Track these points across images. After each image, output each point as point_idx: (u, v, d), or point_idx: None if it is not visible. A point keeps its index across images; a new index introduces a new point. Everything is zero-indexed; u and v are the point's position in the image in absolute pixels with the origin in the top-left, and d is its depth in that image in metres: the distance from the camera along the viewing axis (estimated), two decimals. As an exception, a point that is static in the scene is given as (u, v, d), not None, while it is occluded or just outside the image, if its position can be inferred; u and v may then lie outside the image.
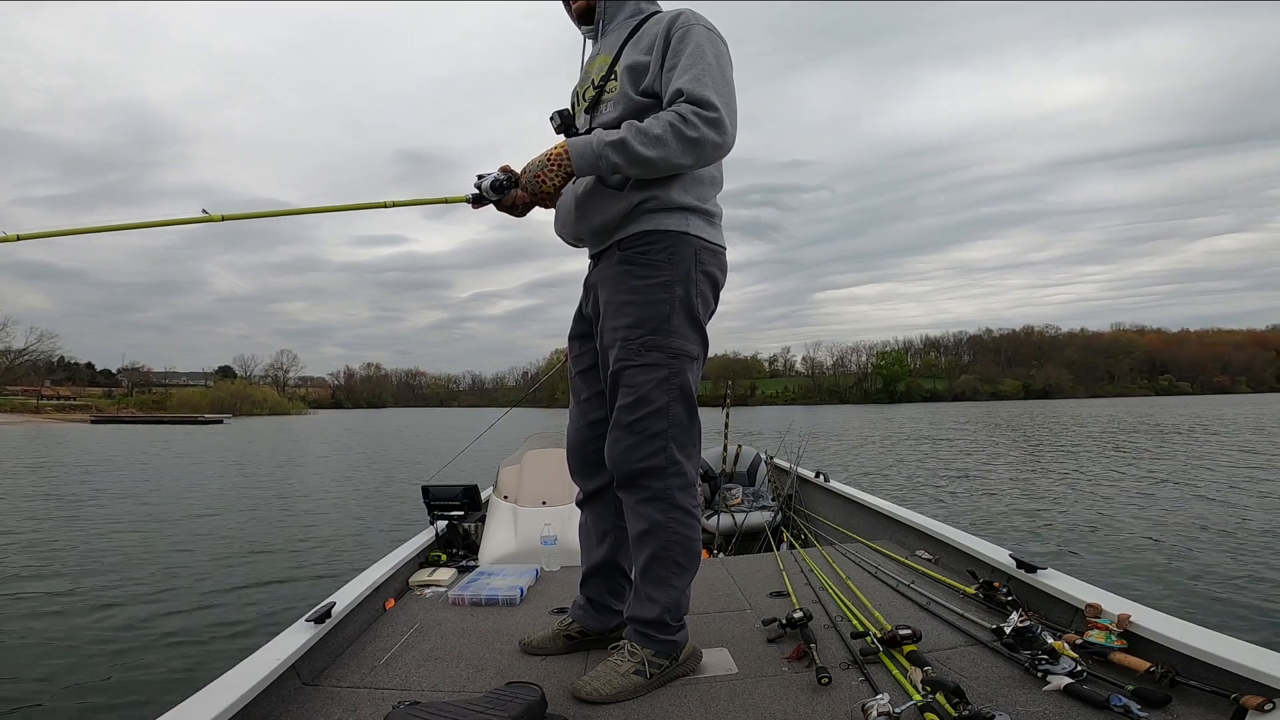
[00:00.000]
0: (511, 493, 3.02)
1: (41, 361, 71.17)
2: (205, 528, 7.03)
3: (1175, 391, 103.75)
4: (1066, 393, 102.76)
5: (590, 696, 1.43)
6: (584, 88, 1.69)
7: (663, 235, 1.54)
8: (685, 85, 1.43)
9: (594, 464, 1.71)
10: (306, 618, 1.70)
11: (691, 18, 1.53)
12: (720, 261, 1.63)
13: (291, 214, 1.68)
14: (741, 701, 1.42)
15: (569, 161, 1.46)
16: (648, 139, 1.40)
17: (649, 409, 1.52)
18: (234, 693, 1.30)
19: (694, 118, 1.40)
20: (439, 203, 1.61)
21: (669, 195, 1.54)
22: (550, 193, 1.50)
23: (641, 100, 1.53)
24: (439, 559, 2.60)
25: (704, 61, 1.45)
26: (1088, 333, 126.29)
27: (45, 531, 6.83)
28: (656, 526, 1.53)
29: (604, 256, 1.63)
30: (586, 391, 1.73)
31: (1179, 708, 1.26)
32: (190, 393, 75.66)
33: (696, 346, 1.59)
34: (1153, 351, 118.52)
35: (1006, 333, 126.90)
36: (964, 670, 1.51)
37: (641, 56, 1.54)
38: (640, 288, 1.54)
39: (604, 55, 1.64)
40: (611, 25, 1.68)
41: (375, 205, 1.67)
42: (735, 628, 1.88)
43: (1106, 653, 1.46)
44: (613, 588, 1.75)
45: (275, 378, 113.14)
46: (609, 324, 1.58)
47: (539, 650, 1.74)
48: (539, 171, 1.47)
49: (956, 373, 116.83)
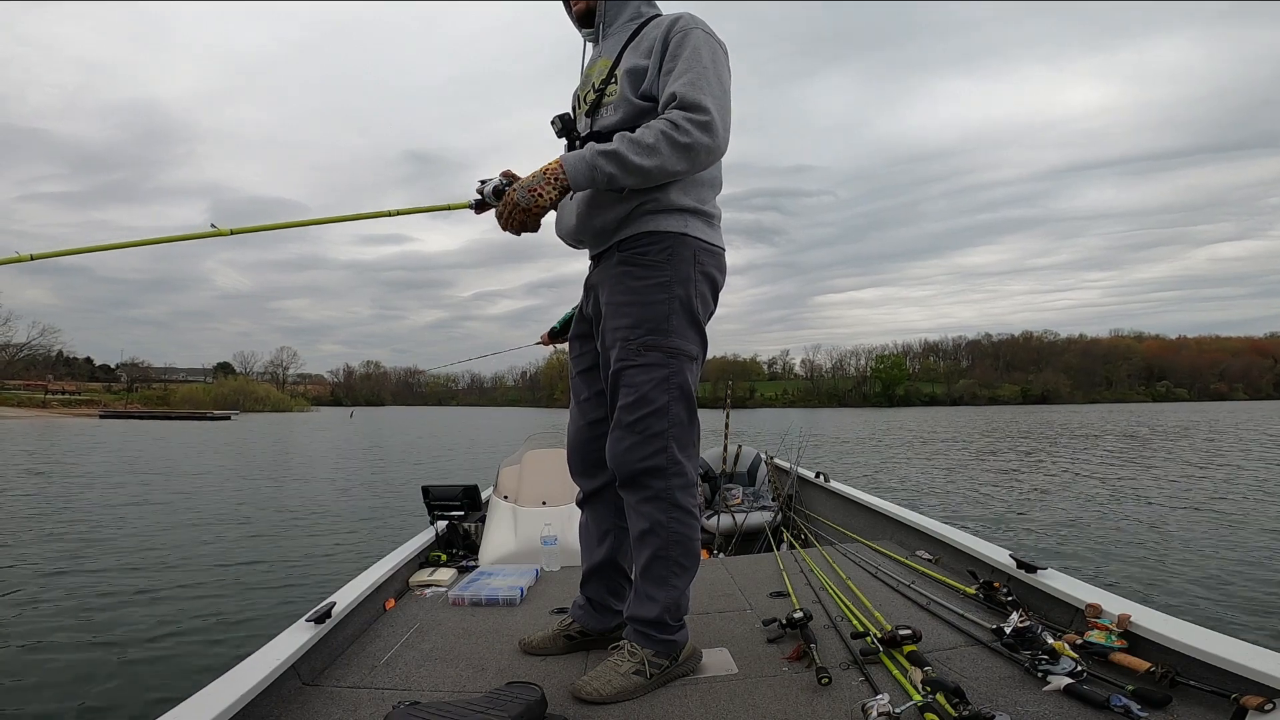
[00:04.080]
0: (511, 493, 3.02)
1: (41, 356, 71.23)
2: (220, 526, 7.02)
3: (1172, 398, 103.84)
4: (1064, 398, 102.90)
5: (590, 696, 1.43)
6: (584, 91, 1.69)
7: (662, 236, 1.54)
8: (679, 90, 1.43)
9: (594, 464, 1.71)
10: (306, 618, 1.70)
11: (691, 21, 1.53)
12: (719, 262, 1.64)
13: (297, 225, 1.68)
14: (741, 701, 1.42)
15: (564, 176, 1.45)
16: (641, 148, 1.41)
17: (649, 409, 1.52)
18: (234, 693, 1.30)
19: (686, 124, 1.41)
20: (442, 209, 1.62)
21: (668, 197, 1.54)
22: (546, 207, 1.49)
23: (641, 104, 1.53)
24: (439, 559, 2.60)
25: (699, 65, 1.46)
26: (1086, 338, 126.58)
27: (52, 528, 6.83)
28: (657, 526, 1.53)
29: (604, 258, 1.64)
30: (586, 391, 1.74)
31: (1179, 708, 1.26)
32: (193, 389, 75.40)
33: (696, 347, 1.59)
34: (1151, 358, 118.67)
35: (1005, 338, 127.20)
36: (964, 670, 1.51)
37: (641, 60, 1.54)
38: (640, 289, 1.54)
39: (604, 58, 1.64)
40: (612, 28, 1.68)
41: (378, 214, 1.66)
42: (735, 628, 1.88)
43: (1106, 653, 1.47)
44: (613, 588, 1.75)
45: (275, 374, 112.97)
46: (609, 324, 1.58)
47: (539, 650, 1.74)
48: (534, 186, 1.47)
49: (955, 377, 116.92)
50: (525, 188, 1.47)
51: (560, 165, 1.46)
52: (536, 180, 1.47)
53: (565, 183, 1.46)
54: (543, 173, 1.47)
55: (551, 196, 1.48)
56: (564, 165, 1.45)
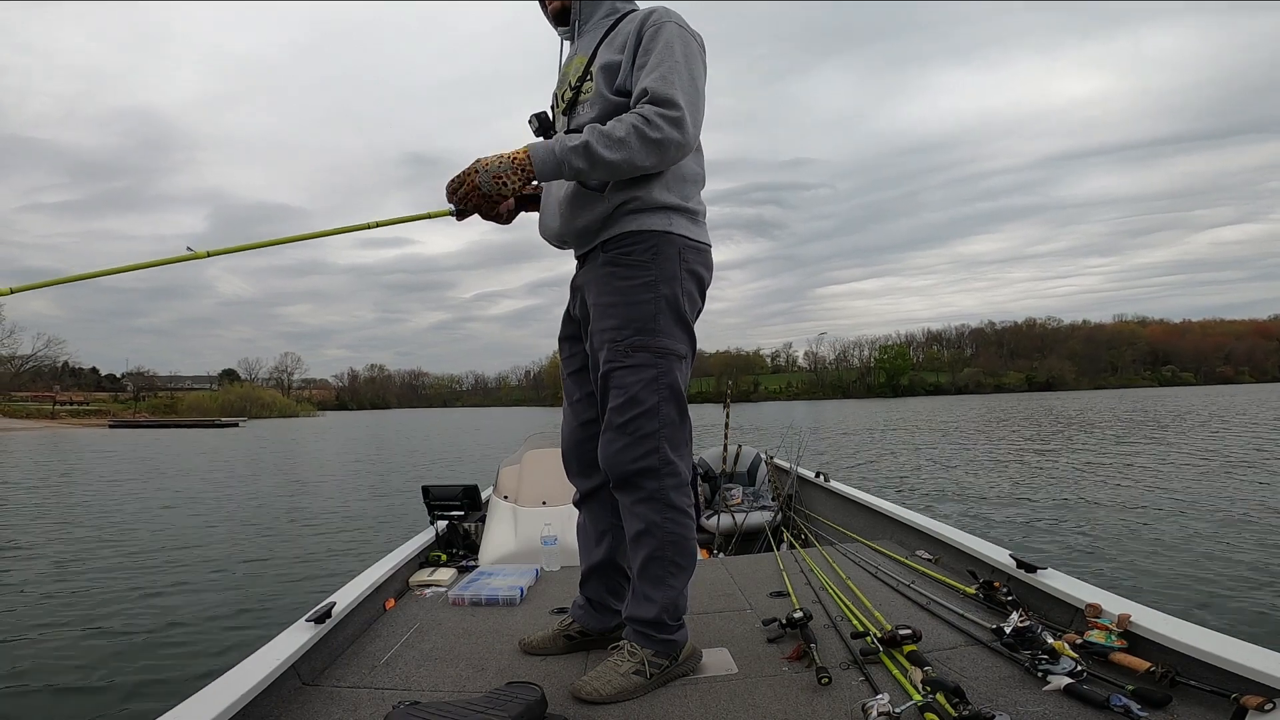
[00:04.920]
0: (511, 493, 3.02)
1: (47, 367, 71.34)
2: (221, 527, 7.03)
3: (1178, 382, 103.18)
4: (1069, 385, 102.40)
5: (590, 696, 1.43)
6: (562, 90, 1.68)
7: (646, 235, 1.53)
8: (650, 84, 1.43)
9: (590, 464, 1.71)
10: (306, 618, 1.70)
11: (664, 15, 1.52)
12: (705, 259, 1.63)
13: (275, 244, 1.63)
14: (741, 701, 1.42)
15: (530, 166, 1.43)
16: (610, 141, 1.40)
17: (639, 410, 1.52)
18: (234, 693, 1.30)
19: (657, 119, 1.40)
20: (423, 219, 1.59)
21: (651, 195, 1.53)
22: (509, 195, 1.47)
23: (617, 99, 1.52)
24: (439, 559, 2.60)
25: (671, 59, 1.45)
26: (1090, 324, 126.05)
27: (61, 534, 6.84)
28: (652, 526, 1.53)
29: (589, 258, 1.63)
30: (578, 393, 1.74)
31: (1179, 708, 1.26)
32: (199, 396, 75.52)
33: (684, 346, 1.59)
34: (1155, 342, 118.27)
35: (1009, 325, 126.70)
36: (964, 670, 1.51)
37: (615, 55, 1.53)
38: (625, 289, 1.53)
39: (580, 56, 1.63)
40: (587, 25, 1.67)
41: (360, 227, 1.63)
42: (735, 628, 1.87)
43: (1106, 653, 1.46)
44: (612, 587, 1.75)
45: (279, 380, 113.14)
46: (596, 326, 1.58)
47: (539, 650, 1.74)
48: (499, 174, 1.44)
49: (959, 366, 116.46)
50: (490, 173, 1.44)
51: (527, 154, 1.44)
52: (502, 167, 1.44)
53: (531, 173, 1.44)
54: (509, 160, 1.44)
55: (515, 186, 1.45)
56: (530, 155, 1.43)
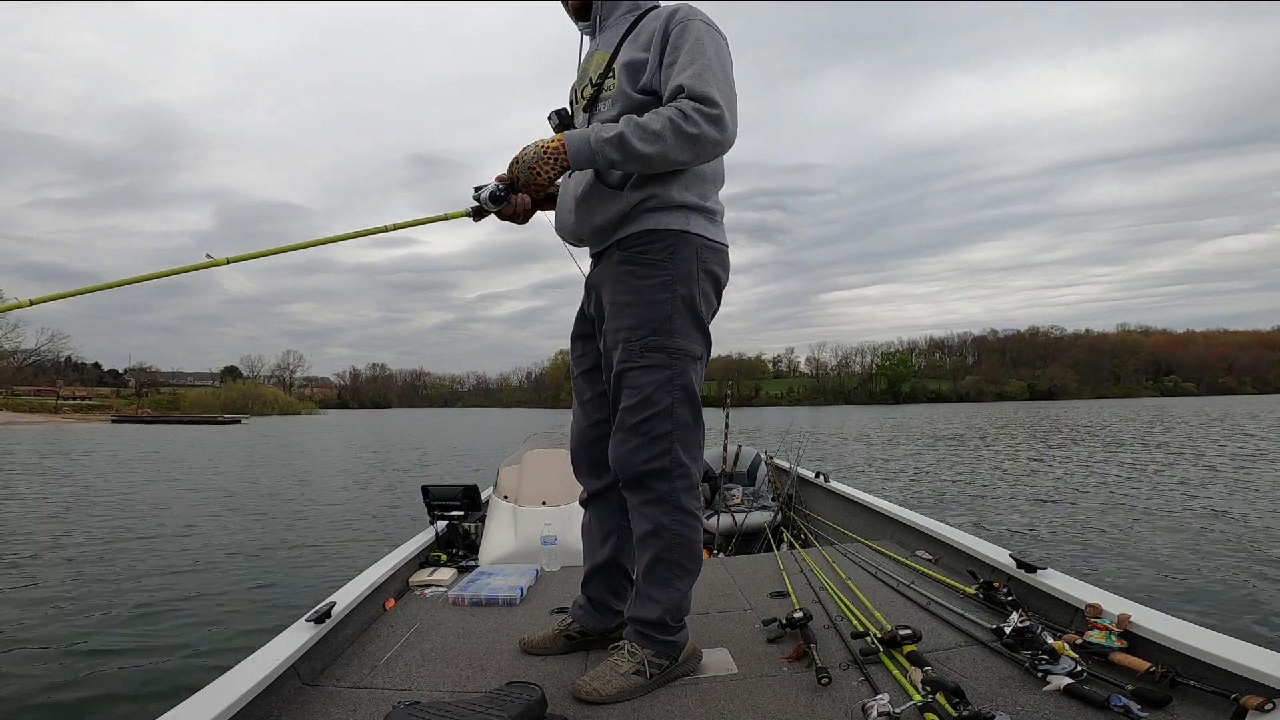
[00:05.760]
0: (511, 493, 3.02)
1: (50, 362, 71.51)
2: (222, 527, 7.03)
3: (1180, 392, 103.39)
4: (1072, 393, 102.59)
5: (590, 697, 1.43)
6: (582, 85, 1.67)
7: (664, 234, 1.52)
8: (686, 81, 1.41)
9: (599, 464, 1.70)
10: (306, 618, 1.70)
11: (690, 12, 1.51)
12: (722, 259, 1.62)
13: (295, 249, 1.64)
14: (741, 702, 1.42)
15: (565, 155, 1.44)
16: (646, 134, 1.39)
17: (653, 410, 1.51)
18: (234, 693, 1.30)
19: (695, 114, 1.39)
20: (440, 220, 1.60)
21: (669, 194, 1.52)
22: (544, 184, 1.48)
23: (640, 98, 1.52)
24: (439, 559, 2.60)
25: (704, 57, 1.44)
26: (1093, 333, 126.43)
27: (55, 529, 6.84)
28: (660, 528, 1.52)
29: (605, 256, 1.62)
30: (589, 392, 1.73)
31: (1179, 708, 1.26)
32: (202, 393, 75.86)
33: (699, 346, 1.58)
34: (1158, 352, 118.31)
35: (1011, 334, 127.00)
36: (964, 670, 1.51)
37: (639, 53, 1.52)
38: (641, 288, 1.52)
39: (601, 52, 1.62)
40: (609, 21, 1.66)
41: (377, 230, 1.64)
42: (735, 628, 1.87)
43: (1106, 653, 1.46)
44: (614, 588, 1.75)
45: (281, 378, 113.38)
46: (611, 325, 1.57)
47: (539, 650, 1.74)
48: (533, 164, 1.45)
49: (961, 373, 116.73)
50: (526, 164, 1.46)
51: (562, 143, 1.44)
52: (536, 158, 1.45)
53: (565, 161, 1.45)
54: (543, 150, 1.45)
55: (550, 175, 1.46)
56: (566, 143, 1.44)
